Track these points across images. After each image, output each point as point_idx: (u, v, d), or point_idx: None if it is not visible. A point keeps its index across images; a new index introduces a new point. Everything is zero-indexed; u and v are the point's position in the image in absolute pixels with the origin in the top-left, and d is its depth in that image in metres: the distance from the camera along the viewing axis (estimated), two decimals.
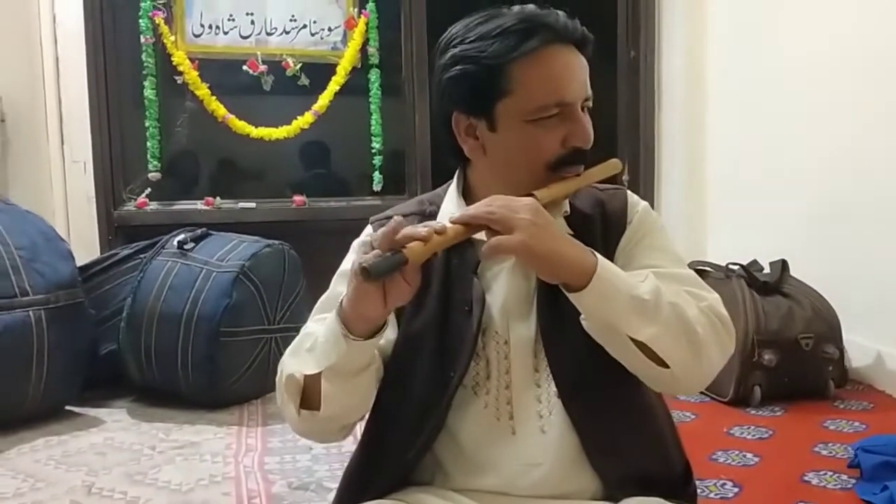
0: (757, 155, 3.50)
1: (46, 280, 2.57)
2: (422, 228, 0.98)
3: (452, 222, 1.01)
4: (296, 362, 1.08)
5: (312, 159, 4.15)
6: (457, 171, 1.22)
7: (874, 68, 2.80)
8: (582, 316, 1.03)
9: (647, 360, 1.02)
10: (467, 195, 1.18)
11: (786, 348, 2.61)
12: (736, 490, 1.96)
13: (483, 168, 1.16)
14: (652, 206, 1.23)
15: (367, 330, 1.02)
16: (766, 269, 2.87)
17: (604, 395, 1.10)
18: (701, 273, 2.86)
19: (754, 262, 2.90)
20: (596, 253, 1.02)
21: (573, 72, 1.11)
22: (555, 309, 1.10)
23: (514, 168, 1.12)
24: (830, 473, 2.03)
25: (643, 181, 4.12)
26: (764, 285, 2.74)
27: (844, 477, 2.00)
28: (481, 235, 1.02)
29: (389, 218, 1.13)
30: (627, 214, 1.19)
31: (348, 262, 1.16)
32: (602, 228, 1.17)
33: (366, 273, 0.94)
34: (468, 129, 1.14)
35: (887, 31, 2.74)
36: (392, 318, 1.14)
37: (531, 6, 1.12)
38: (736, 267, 2.83)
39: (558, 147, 1.10)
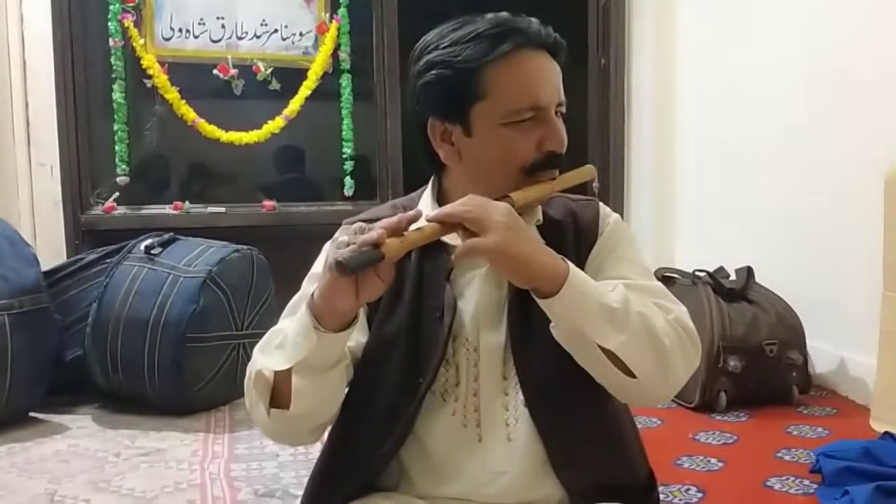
0: (724, 163, 3.55)
1: (10, 285, 2.53)
2: (394, 218, 0.99)
3: (429, 220, 1.02)
4: (265, 359, 1.07)
5: (283, 164, 4.14)
6: (432, 178, 1.23)
7: (842, 79, 2.84)
8: (552, 324, 1.04)
9: (615, 369, 1.03)
10: (442, 201, 1.18)
11: (751, 354, 2.64)
12: (700, 495, 1.97)
13: (459, 174, 1.17)
14: (621, 213, 1.25)
15: (338, 323, 1.02)
16: (732, 276, 2.90)
17: (571, 405, 1.11)
18: (668, 280, 2.89)
19: (721, 268, 2.93)
20: (567, 260, 1.03)
21: (546, 76, 1.12)
22: (526, 318, 1.10)
23: (490, 173, 1.12)
24: (793, 479, 2.05)
25: (612, 189, 4.15)
26: (730, 292, 2.77)
27: (807, 482, 2.03)
28: (456, 240, 1.02)
29: (363, 221, 1.13)
30: (599, 225, 1.20)
31: (319, 265, 1.16)
32: (574, 238, 1.18)
33: (341, 267, 0.94)
34: (444, 134, 1.14)
35: (855, 43, 2.79)
36: (363, 322, 1.14)
37: (504, 13, 1.14)
38: (702, 274, 2.86)
39: (533, 151, 1.12)
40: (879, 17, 2.67)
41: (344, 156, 3.96)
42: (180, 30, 3.74)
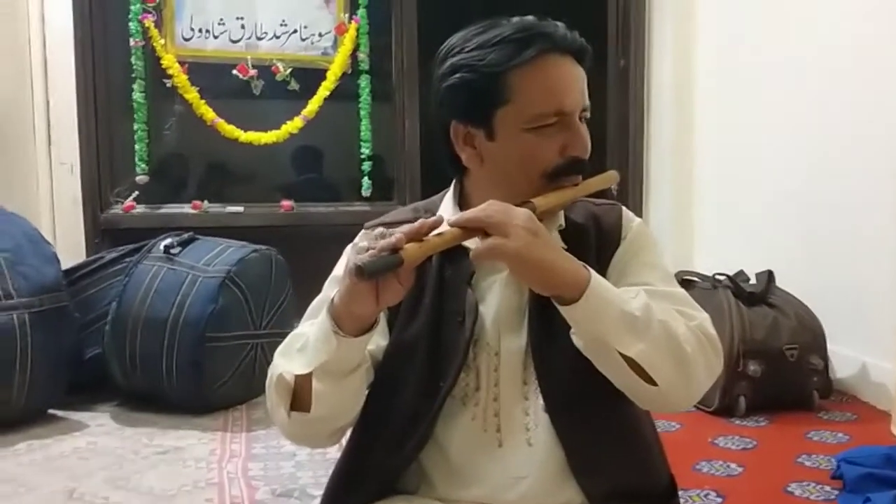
0: (745, 166, 3.52)
1: (31, 283, 2.55)
2: (415, 223, 0.99)
3: (450, 225, 1.01)
4: (286, 363, 1.07)
5: (301, 164, 4.16)
6: (453, 181, 1.22)
7: (863, 82, 2.82)
8: (572, 330, 1.03)
9: (635, 376, 1.02)
10: (463, 205, 1.17)
11: (771, 359, 2.62)
12: (719, 501, 1.96)
13: (480, 177, 1.16)
14: (640, 216, 1.23)
15: (358, 328, 1.02)
16: (753, 280, 2.88)
17: (591, 411, 1.10)
18: (688, 283, 2.87)
19: (741, 272, 2.91)
20: (589, 267, 1.02)
21: (571, 81, 1.11)
22: (546, 322, 1.10)
23: (512, 177, 1.11)
24: (813, 484, 2.04)
25: (632, 191, 4.13)
26: (750, 296, 2.75)
27: (827, 488, 2.01)
28: (476, 244, 1.02)
29: (384, 224, 1.13)
30: (622, 230, 1.19)
31: (341, 267, 1.16)
32: (596, 243, 1.17)
33: (360, 272, 0.94)
34: (466, 137, 1.14)
35: (877, 44, 2.76)
36: (383, 325, 1.14)
37: (530, 17, 1.12)
38: (722, 277, 2.84)
39: (556, 156, 1.11)
40: None
41: (362, 156, 3.96)
42: (200, 30, 3.76)
